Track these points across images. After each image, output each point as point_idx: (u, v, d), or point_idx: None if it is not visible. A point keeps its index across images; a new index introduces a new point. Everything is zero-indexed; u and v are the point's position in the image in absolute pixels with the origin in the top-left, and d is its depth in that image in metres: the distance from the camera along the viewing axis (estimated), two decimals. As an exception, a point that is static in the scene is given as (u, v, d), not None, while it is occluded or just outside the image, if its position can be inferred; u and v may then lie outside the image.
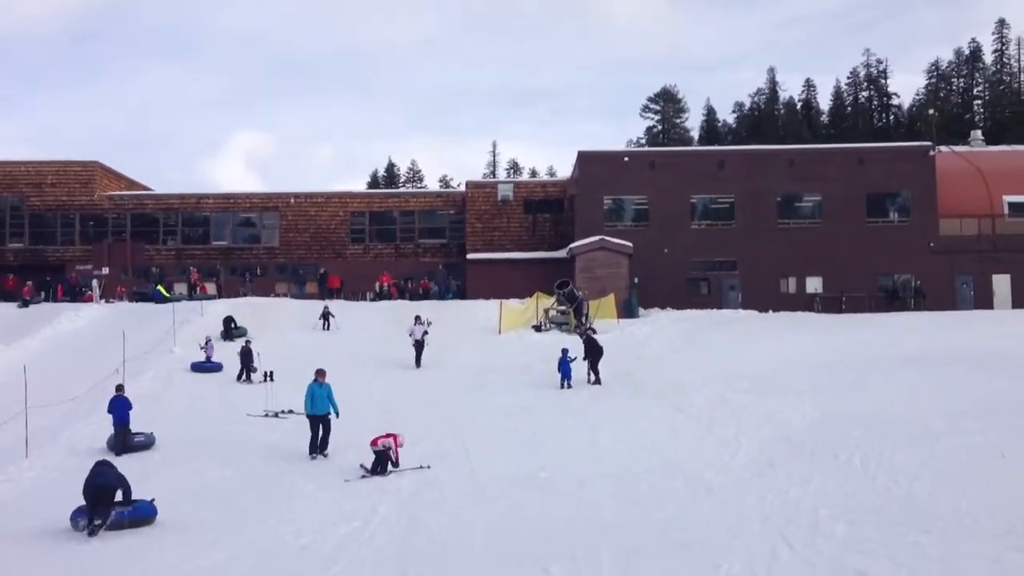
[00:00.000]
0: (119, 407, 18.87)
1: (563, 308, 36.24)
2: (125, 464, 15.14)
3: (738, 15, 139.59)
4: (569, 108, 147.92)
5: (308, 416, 17.84)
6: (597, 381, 24.86)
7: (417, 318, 30.44)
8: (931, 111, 71.71)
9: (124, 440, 18.65)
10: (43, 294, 42.55)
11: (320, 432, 17.62)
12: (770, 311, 38.95)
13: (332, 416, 17.75)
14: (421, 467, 16.04)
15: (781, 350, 29.43)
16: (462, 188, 51.64)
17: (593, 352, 25.25)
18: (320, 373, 18.10)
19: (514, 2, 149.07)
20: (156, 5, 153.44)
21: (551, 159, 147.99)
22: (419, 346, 28.99)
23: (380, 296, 43.55)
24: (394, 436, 16.15)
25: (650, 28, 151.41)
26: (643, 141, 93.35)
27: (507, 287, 40.41)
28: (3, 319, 36.03)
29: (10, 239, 48.16)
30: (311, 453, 17.50)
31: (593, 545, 10.85)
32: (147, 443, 19.03)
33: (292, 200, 49.03)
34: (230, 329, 33.31)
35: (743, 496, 13.23)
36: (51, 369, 27.01)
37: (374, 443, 15.97)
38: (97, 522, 12.57)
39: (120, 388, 19.70)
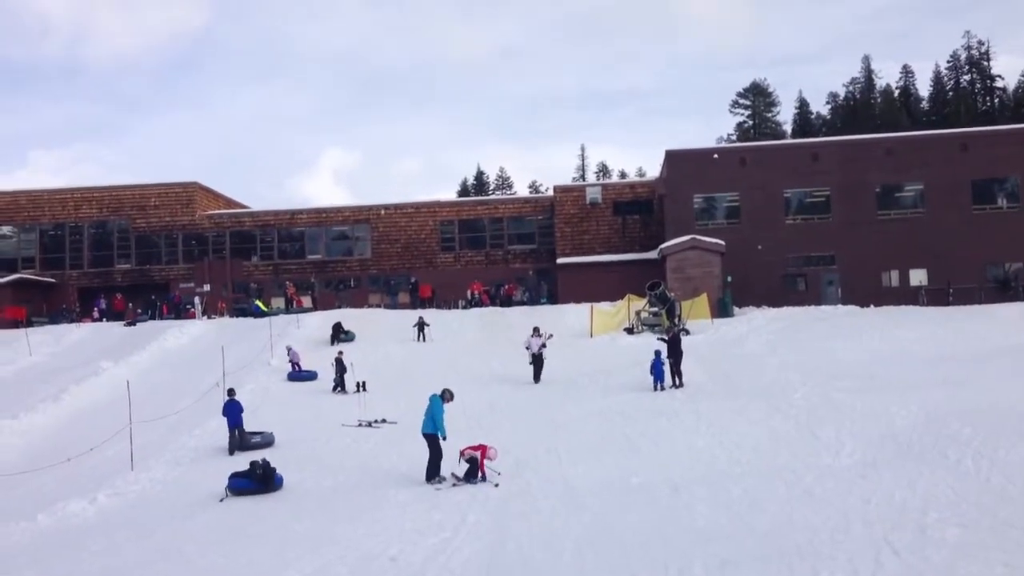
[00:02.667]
0: (232, 411, 19.74)
1: (655, 310, 35.68)
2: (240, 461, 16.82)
3: (828, 4, 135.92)
4: (657, 108, 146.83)
5: (425, 435, 16.13)
6: (679, 384, 24.30)
7: (536, 330, 27.90)
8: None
9: (240, 440, 19.46)
10: (149, 313, 44.21)
11: (438, 453, 15.98)
12: (872, 306, 37.62)
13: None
14: (496, 485, 15.13)
15: (884, 346, 28.40)
16: (550, 193, 51.47)
17: (675, 352, 24.68)
18: (448, 394, 16.70)
19: (591, 5, 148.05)
20: (243, 30, 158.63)
21: (641, 160, 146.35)
22: (537, 361, 26.91)
23: (471, 304, 43.75)
24: (482, 448, 15.82)
25: (736, 23, 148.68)
26: (733, 137, 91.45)
27: (598, 290, 40.21)
28: (112, 338, 37.67)
29: (118, 260, 50.25)
30: (429, 479, 15.74)
31: (686, 554, 10.50)
32: (264, 443, 19.89)
33: (382, 212, 49.69)
34: (338, 334, 34.24)
35: (845, 499, 12.64)
36: (158, 384, 28.12)
37: (463, 453, 15.89)
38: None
39: (232, 392, 20.77)
